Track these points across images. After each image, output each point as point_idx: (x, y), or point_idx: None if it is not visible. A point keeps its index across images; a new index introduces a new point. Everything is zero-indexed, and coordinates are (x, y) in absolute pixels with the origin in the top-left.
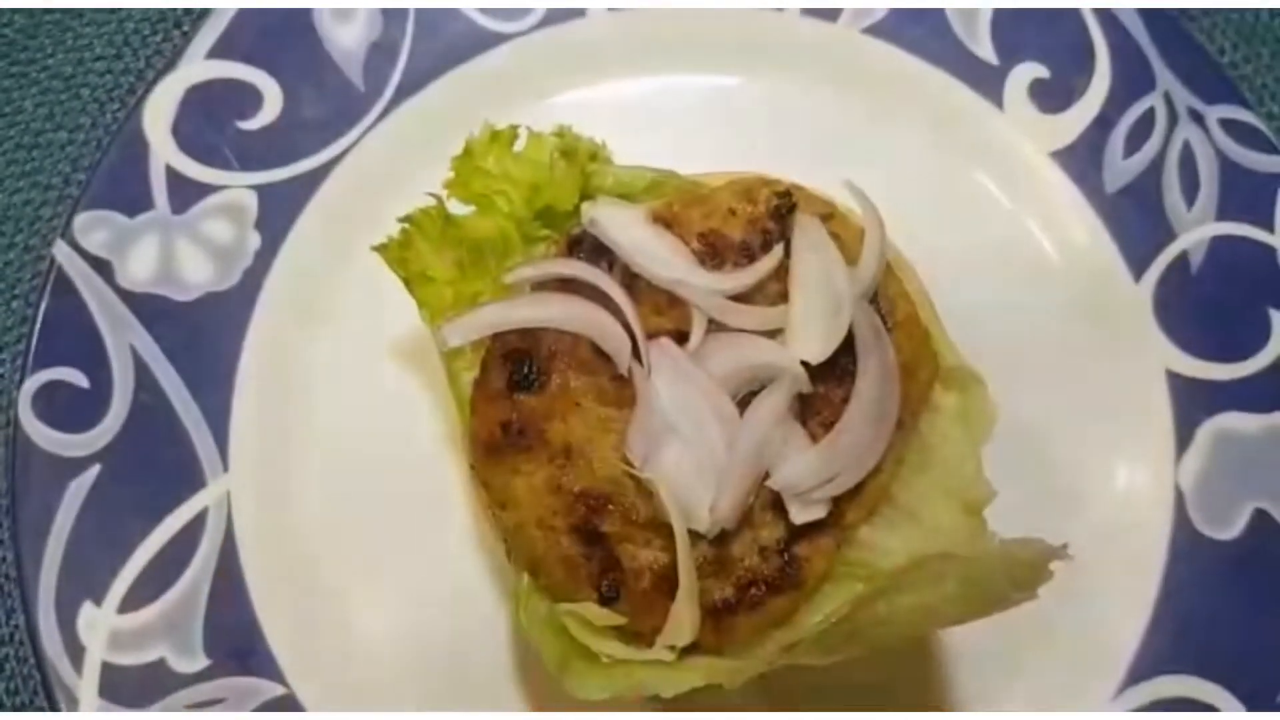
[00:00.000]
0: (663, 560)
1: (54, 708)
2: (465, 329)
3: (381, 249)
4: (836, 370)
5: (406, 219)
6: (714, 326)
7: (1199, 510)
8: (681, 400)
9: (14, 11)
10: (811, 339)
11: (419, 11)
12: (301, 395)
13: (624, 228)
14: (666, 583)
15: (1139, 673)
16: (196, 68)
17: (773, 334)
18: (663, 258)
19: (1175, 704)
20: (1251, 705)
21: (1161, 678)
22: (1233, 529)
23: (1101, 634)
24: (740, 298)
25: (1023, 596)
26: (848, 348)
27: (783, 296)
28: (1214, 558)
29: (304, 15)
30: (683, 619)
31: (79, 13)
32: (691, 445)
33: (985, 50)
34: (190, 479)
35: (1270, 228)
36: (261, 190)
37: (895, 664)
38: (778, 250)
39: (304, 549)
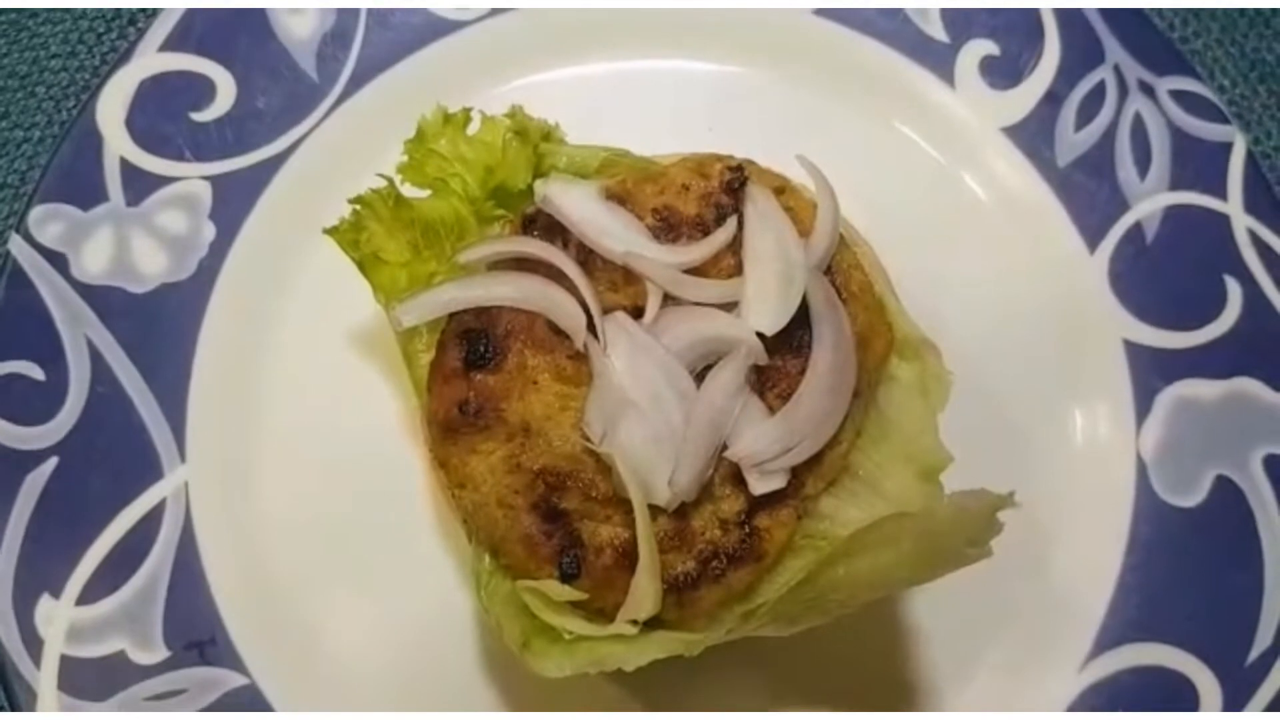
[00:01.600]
0: (623, 536)
1: (12, 701)
2: (419, 309)
3: (333, 231)
4: (793, 342)
5: (358, 200)
6: (669, 301)
7: (1161, 478)
8: (638, 374)
9: None
10: (766, 310)
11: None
12: (259, 385)
13: (577, 204)
14: (627, 558)
15: (1106, 642)
16: (150, 60)
17: (728, 307)
18: (617, 233)
19: (1143, 671)
20: (1219, 670)
21: (1129, 645)
22: (1195, 496)
23: (1068, 604)
24: (695, 271)
25: (977, 553)
26: (803, 320)
27: (738, 270)
28: (1178, 525)
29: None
30: (644, 593)
31: (34, 12)
32: (649, 419)
33: (936, 29)
34: (148, 470)
35: (1223, 196)
36: (215, 181)
37: (863, 638)
38: (731, 223)
39: (264, 538)
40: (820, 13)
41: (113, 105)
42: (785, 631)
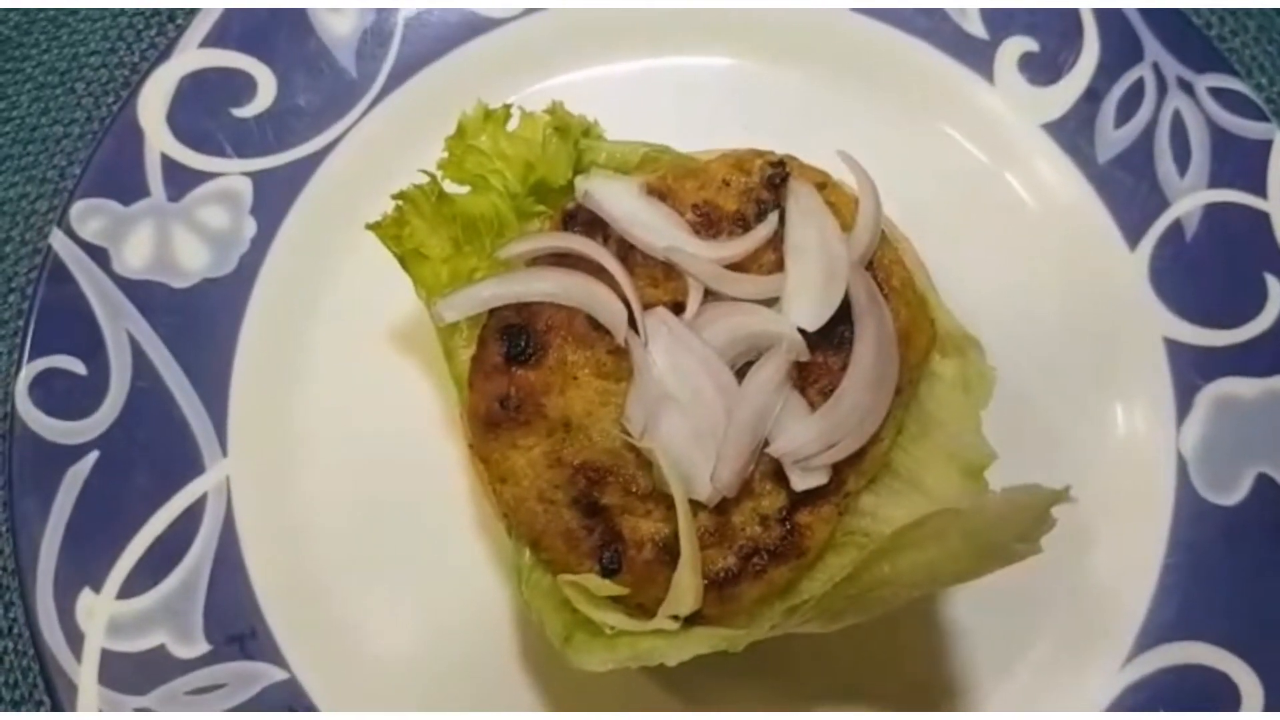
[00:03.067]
0: (664, 531)
1: (53, 696)
2: (461, 304)
3: (376, 227)
4: (834, 338)
5: (401, 196)
6: (710, 296)
7: (1202, 476)
8: (679, 369)
9: (8, 9)
10: (808, 306)
11: None
12: (299, 380)
13: (618, 199)
14: (668, 553)
15: (1147, 640)
16: (190, 56)
17: (769, 303)
18: (658, 228)
19: (1185, 670)
20: (1262, 671)
21: (1170, 644)
22: (1236, 494)
23: (1108, 602)
24: (736, 267)
25: (1026, 549)
26: (845, 316)
27: (779, 265)
28: (1219, 523)
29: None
30: (685, 588)
31: (73, 9)
32: (690, 414)
33: (975, 25)
34: (189, 465)
35: (1263, 193)
36: (256, 177)
37: (902, 634)
38: (773, 219)
39: (304, 533)
40: (859, 10)
41: (154, 101)
42: (828, 628)
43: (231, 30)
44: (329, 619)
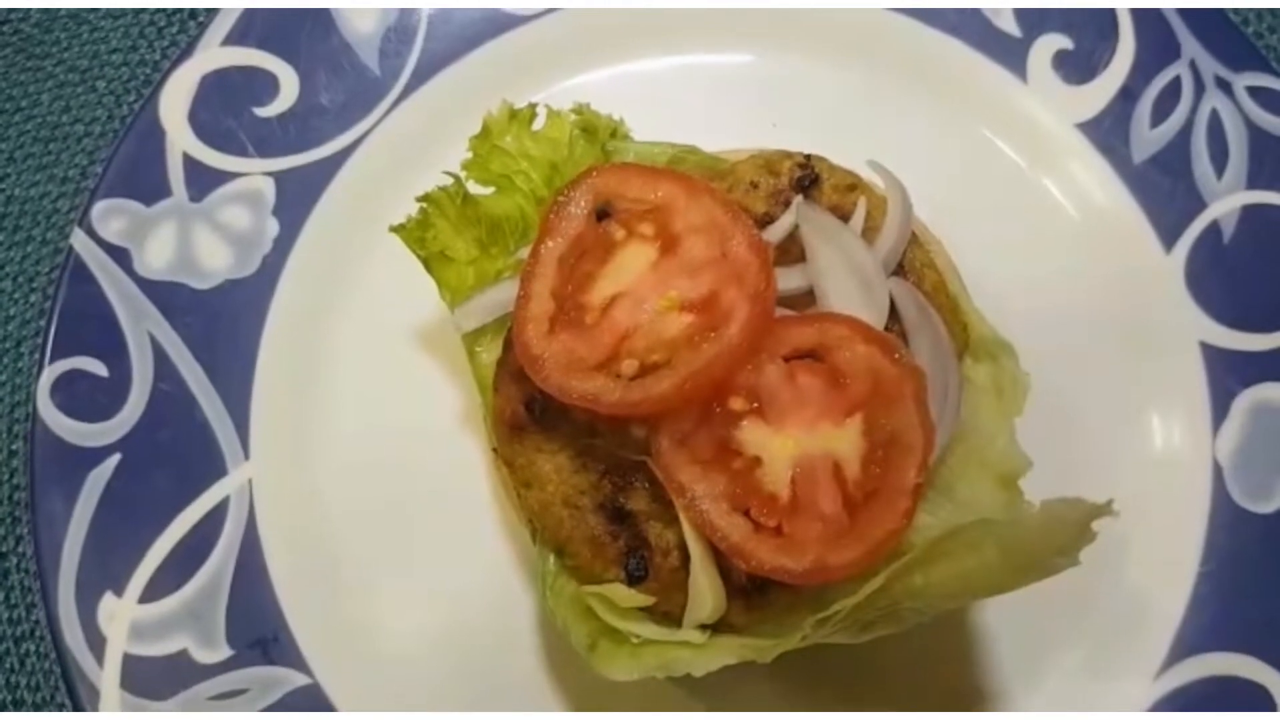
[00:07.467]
0: None
1: (75, 700)
2: (479, 311)
3: (400, 229)
4: None
5: (425, 198)
6: None
7: (1238, 483)
8: None
9: (29, 7)
10: None
11: None
12: (322, 381)
13: None
14: None
15: (1182, 650)
16: (212, 55)
17: (807, 295)
18: None
19: (1220, 681)
20: None
21: (1205, 654)
22: (1273, 502)
23: (1142, 611)
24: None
25: (1065, 562)
26: (893, 320)
27: (804, 256)
28: (1256, 532)
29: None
30: (701, 590)
31: (94, 7)
32: None
33: (1008, 23)
34: (211, 467)
35: None
36: (279, 177)
37: (932, 641)
38: (792, 210)
39: (327, 536)
40: (891, 8)
41: (175, 100)
42: (858, 639)
43: (253, 28)
44: (351, 623)
